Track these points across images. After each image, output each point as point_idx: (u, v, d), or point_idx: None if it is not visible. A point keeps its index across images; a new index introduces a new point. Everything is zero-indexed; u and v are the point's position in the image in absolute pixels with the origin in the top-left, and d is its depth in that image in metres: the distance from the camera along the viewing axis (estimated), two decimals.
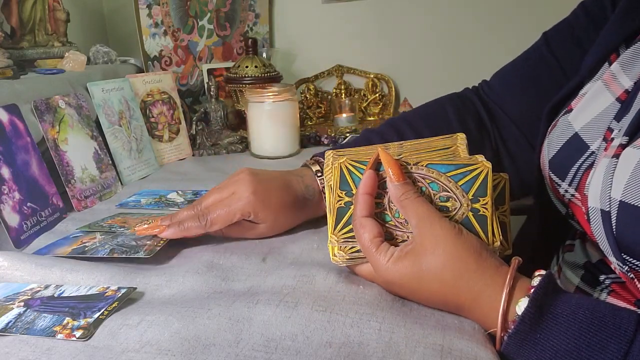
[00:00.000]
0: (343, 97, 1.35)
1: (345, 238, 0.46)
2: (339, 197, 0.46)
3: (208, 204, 0.56)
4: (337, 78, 1.38)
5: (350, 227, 0.46)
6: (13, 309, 0.44)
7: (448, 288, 0.40)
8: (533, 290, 0.37)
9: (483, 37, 1.30)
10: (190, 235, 0.56)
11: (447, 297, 0.41)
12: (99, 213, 0.71)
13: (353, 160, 0.46)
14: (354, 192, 0.46)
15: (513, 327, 0.37)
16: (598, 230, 0.44)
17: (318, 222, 0.62)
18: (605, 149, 0.46)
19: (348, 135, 1.11)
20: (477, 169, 0.43)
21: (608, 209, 0.42)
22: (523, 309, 0.36)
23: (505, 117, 0.67)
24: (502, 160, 0.67)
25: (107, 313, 0.43)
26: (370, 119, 1.37)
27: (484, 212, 0.43)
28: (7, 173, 0.62)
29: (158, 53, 1.11)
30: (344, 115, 1.26)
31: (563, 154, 0.52)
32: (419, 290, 0.42)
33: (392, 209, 0.45)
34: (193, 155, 1.04)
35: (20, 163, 0.65)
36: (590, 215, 0.45)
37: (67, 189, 0.72)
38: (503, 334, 0.38)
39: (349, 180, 0.46)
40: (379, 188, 0.45)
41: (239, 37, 1.31)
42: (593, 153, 0.49)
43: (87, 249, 0.56)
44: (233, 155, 1.05)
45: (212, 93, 1.09)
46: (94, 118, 0.84)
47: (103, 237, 0.59)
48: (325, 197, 0.51)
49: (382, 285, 0.46)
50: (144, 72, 1.07)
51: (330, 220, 0.47)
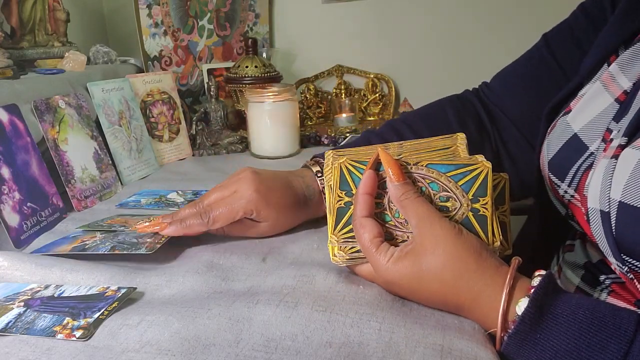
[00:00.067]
0: (343, 97, 1.35)
1: (345, 238, 0.46)
2: (339, 197, 0.46)
3: (210, 202, 0.56)
4: (337, 78, 1.38)
5: (350, 227, 0.46)
6: (13, 309, 0.44)
7: (448, 288, 0.40)
8: (533, 291, 0.37)
9: (483, 37, 1.30)
10: (192, 233, 0.56)
11: (447, 297, 0.41)
12: (99, 213, 0.71)
13: (353, 160, 0.46)
14: (354, 192, 0.46)
15: (513, 327, 0.37)
16: (598, 231, 0.44)
17: (318, 222, 0.62)
18: (605, 150, 0.46)
19: (348, 135, 1.11)
20: (477, 169, 0.43)
21: (607, 210, 0.42)
22: (523, 309, 0.37)
23: (506, 118, 0.67)
24: (502, 162, 0.67)
25: (107, 313, 0.43)
26: (370, 119, 1.37)
27: (484, 212, 0.43)
28: (7, 173, 0.62)
29: (158, 53, 1.11)
30: (344, 115, 1.26)
31: (562, 155, 0.52)
32: (419, 290, 0.42)
33: (392, 209, 0.45)
34: (193, 155, 1.04)
35: (20, 163, 0.65)
36: (590, 216, 0.45)
37: (67, 189, 0.72)
38: (503, 334, 0.38)
39: (349, 180, 0.46)
40: (379, 188, 0.45)
41: (239, 37, 1.31)
42: (592, 154, 0.49)
43: (87, 247, 0.55)
44: (233, 155, 1.05)
45: (212, 93, 1.09)
46: (94, 118, 0.83)
47: (103, 235, 0.59)
48: (325, 197, 0.51)
49: (382, 286, 0.46)
50: (144, 72, 1.07)
51: (330, 220, 0.47)
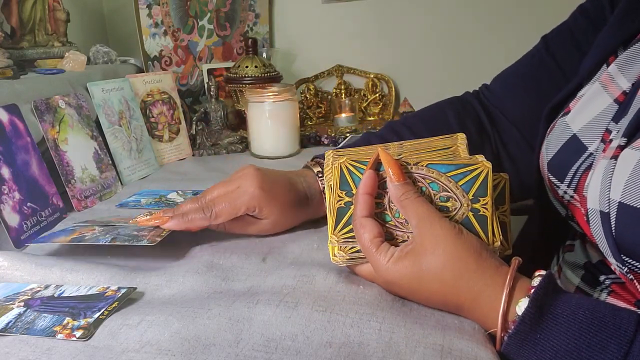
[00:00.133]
0: (343, 97, 1.35)
1: (346, 238, 0.46)
2: (339, 197, 0.46)
3: (213, 197, 0.56)
4: (337, 78, 1.38)
5: (351, 227, 0.46)
6: (13, 309, 0.44)
7: (448, 288, 0.40)
8: (533, 291, 0.37)
9: (483, 37, 1.30)
10: (194, 228, 0.56)
11: (447, 297, 0.41)
12: (99, 213, 0.71)
13: (353, 160, 0.46)
14: (354, 192, 0.46)
15: (513, 327, 0.37)
16: (597, 232, 0.44)
17: (318, 222, 0.62)
18: (604, 151, 0.46)
19: (348, 135, 1.11)
20: (477, 169, 0.43)
21: (607, 211, 0.42)
22: (523, 309, 0.37)
23: (506, 120, 0.67)
24: (502, 164, 0.67)
25: (107, 313, 0.43)
26: (370, 119, 1.37)
27: (484, 212, 0.43)
28: (7, 173, 0.62)
29: (158, 53, 1.11)
30: (344, 115, 1.26)
31: (561, 156, 0.52)
32: (419, 290, 0.42)
33: (392, 209, 0.45)
34: (193, 155, 1.04)
35: (20, 163, 0.65)
36: (590, 217, 0.45)
37: (67, 189, 0.72)
38: (503, 334, 0.38)
39: (349, 180, 0.46)
40: (379, 188, 0.45)
41: (239, 37, 1.31)
42: (591, 154, 0.49)
43: (87, 239, 0.55)
44: (233, 155, 1.05)
45: (212, 93, 1.09)
46: (94, 118, 0.83)
47: (102, 228, 0.58)
48: (326, 197, 0.51)
49: (382, 286, 0.46)
50: (144, 72, 1.07)
51: (331, 220, 0.47)
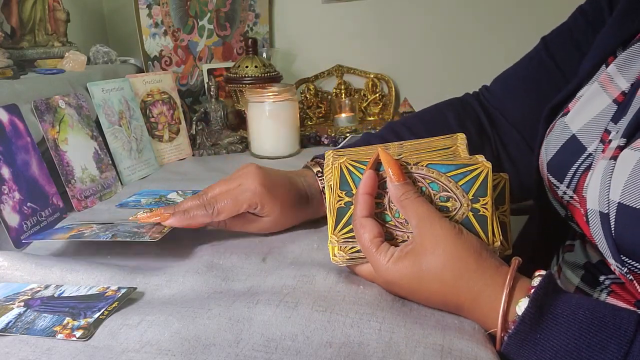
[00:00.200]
0: (343, 97, 1.35)
1: (345, 238, 0.46)
2: (339, 197, 0.46)
3: (215, 194, 0.56)
4: (337, 78, 1.38)
5: (351, 227, 0.46)
6: (13, 309, 0.44)
7: (448, 288, 0.40)
8: (533, 291, 0.37)
9: (483, 37, 1.30)
10: (195, 225, 0.56)
11: (447, 297, 0.41)
12: (99, 213, 0.71)
13: (353, 160, 0.46)
14: (354, 192, 0.46)
15: (513, 327, 0.37)
16: (597, 232, 0.44)
17: (318, 222, 0.62)
18: (603, 151, 0.46)
19: (348, 135, 1.11)
20: (477, 169, 0.43)
21: (607, 211, 0.42)
22: (523, 309, 0.37)
23: (506, 122, 0.67)
24: (503, 165, 0.67)
25: (107, 313, 0.43)
26: (370, 119, 1.37)
27: (484, 212, 0.43)
28: (7, 173, 0.62)
29: (158, 53, 1.11)
30: (344, 115, 1.26)
31: (561, 156, 0.52)
32: (419, 290, 0.42)
33: (392, 209, 0.45)
34: (193, 155, 1.04)
35: (20, 163, 0.65)
36: (589, 218, 0.45)
37: (67, 189, 0.72)
38: (503, 334, 0.38)
39: (349, 180, 0.46)
40: (379, 188, 0.45)
41: (239, 37, 1.31)
42: (591, 155, 0.49)
43: (86, 235, 0.54)
44: (233, 155, 1.05)
45: (212, 93, 1.09)
46: (94, 118, 0.83)
47: (101, 226, 0.57)
48: (325, 197, 0.51)
49: (382, 286, 0.46)
50: (144, 72, 1.07)
51: (330, 220, 0.47)
